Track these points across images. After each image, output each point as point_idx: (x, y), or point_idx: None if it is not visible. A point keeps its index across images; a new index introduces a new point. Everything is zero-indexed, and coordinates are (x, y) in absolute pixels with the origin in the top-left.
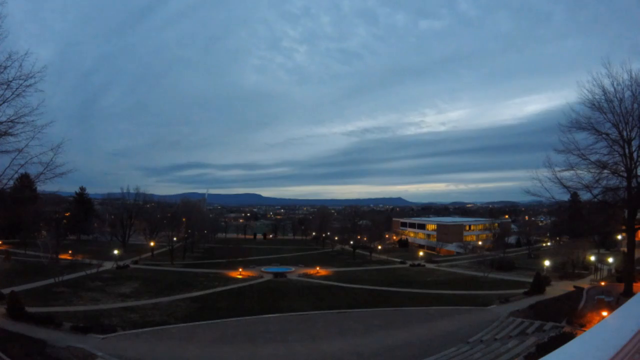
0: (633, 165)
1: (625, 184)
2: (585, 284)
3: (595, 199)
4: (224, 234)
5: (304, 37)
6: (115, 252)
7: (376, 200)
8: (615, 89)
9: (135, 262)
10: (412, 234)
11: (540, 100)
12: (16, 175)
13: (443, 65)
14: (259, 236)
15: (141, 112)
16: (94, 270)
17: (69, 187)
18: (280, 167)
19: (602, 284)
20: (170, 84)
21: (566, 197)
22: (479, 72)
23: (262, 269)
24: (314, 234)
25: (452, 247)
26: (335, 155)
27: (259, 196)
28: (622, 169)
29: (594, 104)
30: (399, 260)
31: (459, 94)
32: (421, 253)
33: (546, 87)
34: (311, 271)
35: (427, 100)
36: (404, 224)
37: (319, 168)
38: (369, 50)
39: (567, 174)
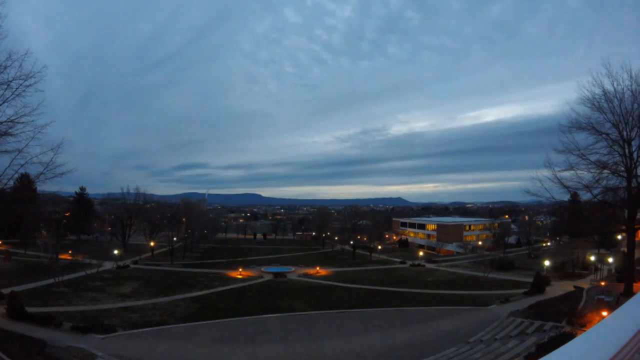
0: (633, 165)
1: (625, 184)
2: (585, 284)
3: (595, 199)
4: (224, 234)
5: (273, 74)
6: (115, 252)
7: (376, 200)
8: (615, 89)
9: (135, 262)
10: (412, 234)
11: (492, 113)
12: (16, 175)
13: (393, 91)
14: (259, 236)
15: (144, 126)
16: (94, 270)
17: (69, 187)
18: (278, 167)
19: (602, 284)
20: (171, 108)
21: (566, 197)
22: (424, 95)
23: (262, 269)
24: (314, 234)
25: (452, 247)
26: (322, 159)
27: (259, 196)
28: (622, 169)
29: (594, 104)
30: (399, 260)
31: (413, 111)
32: (421, 253)
33: (491, 104)
34: (311, 271)
35: (389, 116)
36: (404, 224)
37: (314, 169)
38: (326, 83)
39: (567, 174)
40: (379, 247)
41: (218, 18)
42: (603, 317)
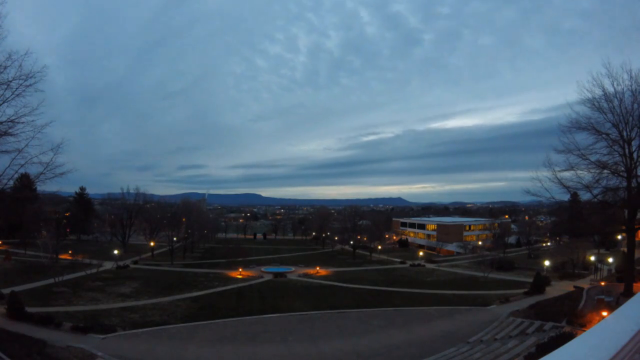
0: (633, 165)
1: (625, 184)
2: (585, 284)
3: (595, 199)
4: (224, 234)
5: (254, 99)
6: (115, 252)
7: (376, 201)
8: (615, 89)
9: (135, 262)
10: (412, 234)
11: (451, 123)
12: (16, 175)
13: (355, 111)
14: (259, 236)
15: (146, 134)
16: (94, 270)
17: (69, 187)
18: (276, 168)
19: (602, 284)
20: (171, 122)
21: (566, 197)
22: (383, 112)
23: (262, 269)
24: (314, 234)
25: (452, 247)
26: (315, 163)
27: (259, 196)
28: (622, 169)
29: (594, 104)
30: (399, 260)
31: (380, 125)
32: (421, 253)
33: (447, 117)
34: (311, 271)
35: (362, 129)
36: (404, 224)
37: (311, 170)
38: (296, 107)
39: (567, 174)
40: (379, 247)
41: (209, 65)
42: (603, 317)
